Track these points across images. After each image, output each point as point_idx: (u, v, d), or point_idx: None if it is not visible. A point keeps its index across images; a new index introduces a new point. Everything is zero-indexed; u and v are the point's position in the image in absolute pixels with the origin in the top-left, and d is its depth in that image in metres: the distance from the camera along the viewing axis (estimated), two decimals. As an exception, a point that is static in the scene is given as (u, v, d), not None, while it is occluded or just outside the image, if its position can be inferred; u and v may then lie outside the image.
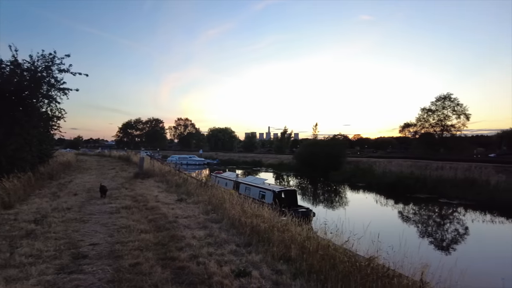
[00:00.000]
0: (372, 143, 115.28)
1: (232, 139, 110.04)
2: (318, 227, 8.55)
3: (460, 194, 21.96)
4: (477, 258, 11.57)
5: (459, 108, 53.29)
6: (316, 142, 51.12)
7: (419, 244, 11.75)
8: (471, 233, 14.83)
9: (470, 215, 18.20)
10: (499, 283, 5.03)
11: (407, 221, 17.22)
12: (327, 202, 22.76)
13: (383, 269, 4.82)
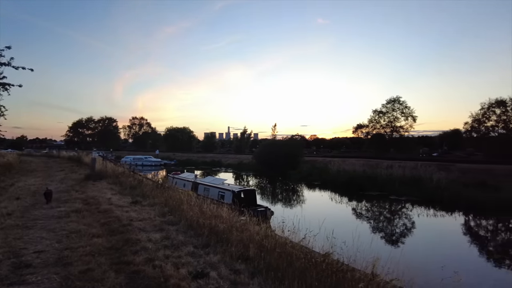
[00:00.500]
0: (328, 143, 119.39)
1: (191, 139, 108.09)
2: (277, 226, 8.68)
3: (407, 191, 23.49)
4: (421, 249, 12.46)
5: (407, 110, 57.14)
6: (275, 142, 51.96)
7: (371, 239, 12.40)
8: (417, 227, 15.93)
9: (416, 210, 19.53)
10: (440, 271, 5.48)
11: (360, 217, 18.10)
12: (285, 200, 23.22)
13: (338, 264, 5.01)
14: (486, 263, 11.22)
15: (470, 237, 14.82)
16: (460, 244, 13.47)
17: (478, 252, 12.56)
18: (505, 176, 25.32)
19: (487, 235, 15.33)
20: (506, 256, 12.25)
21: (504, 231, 16.07)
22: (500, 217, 17.65)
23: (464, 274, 7.28)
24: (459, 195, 20.57)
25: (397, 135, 58.84)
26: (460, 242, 13.77)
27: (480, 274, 9.54)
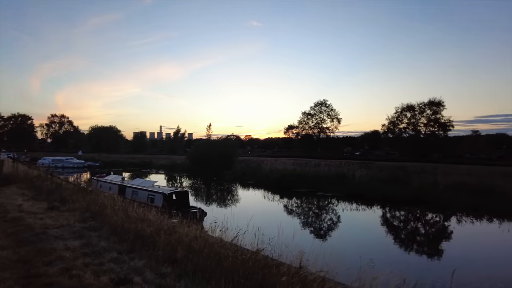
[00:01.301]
0: (262, 143, 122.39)
1: (118, 138, 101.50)
2: (209, 226, 8.66)
3: (333, 188, 25.19)
4: (344, 240, 13.49)
5: (332, 113, 61.42)
6: (210, 142, 51.63)
7: (300, 233, 13.07)
8: (340, 220, 17.18)
9: (340, 205, 21.03)
10: (358, 260, 6.04)
11: (290, 213, 18.91)
12: (219, 201, 23.19)
13: (266, 260, 5.16)
14: (397, 248, 12.63)
15: (385, 227, 16.49)
16: (376, 233, 14.88)
17: (391, 240, 14.05)
18: (415, 172, 28.70)
19: (399, 224, 17.18)
20: (413, 241, 13.89)
21: (412, 219, 18.15)
22: (410, 208, 19.97)
23: (378, 260, 8.10)
24: (377, 190, 22.68)
25: (324, 135, 62.94)
26: (376, 232, 15.21)
27: (392, 258, 10.67)
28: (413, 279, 5.03)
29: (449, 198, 19.97)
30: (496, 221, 16.85)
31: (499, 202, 18.50)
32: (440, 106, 49.01)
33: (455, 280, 5.02)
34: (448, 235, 15.06)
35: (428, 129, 50.33)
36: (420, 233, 15.32)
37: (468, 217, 17.73)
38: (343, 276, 5.53)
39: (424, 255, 12.18)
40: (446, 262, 11.04)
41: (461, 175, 25.57)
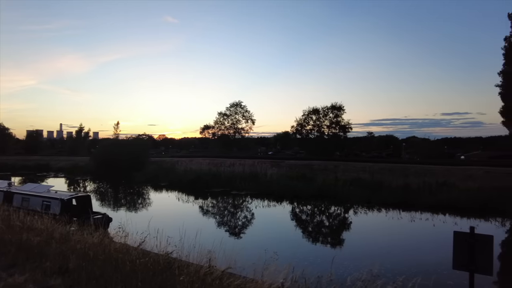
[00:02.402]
0: (177, 143, 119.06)
1: (6, 138, 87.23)
2: (115, 232, 8.12)
3: (247, 186, 25.91)
4: (254, 236, 13.99)
5: (247, 114, 63.09)
6: (118, 142, 48.16)
7: (213, 232, 13.09)
8: (253, 217, 17.78)
9: (254, 202, 21.75)
10: (263, 254, 6.30)
11: (205, 213, 18.81)
12: (128, 205, 21.79)
13: (169, 262, 5.02)
14: (302, 240, 13.61)
15: (293, 221, 17.63)
16: (284, 227, 15.81)
17: (298, 233, 15.06)
18: (320, 169, 31.21)
19: (305, 218, 18.54)
20: (318, 232, 15.13)
21: (317, 213, 19.76)
22: (315, 202, 21.73)
23: (282, 252, 8.61)
24: (286, 187, 24.09)
25: (239, 136, 64.32)
26: (285, 226, 16.16)
27: (296, 250, 11.43)
28: (310, 268, 5.47)
29: (348, 192, 22.31)
30: (384, 210, 19.40)
31: (387, 194, 21.45)
32: (341, 110, 54.60)
33: (358, 264, 5.61)
34: (347, 225, 16.82)
35: (330, 130, 55.47)
36: (323, 225, 16.76)
37: (363, 208, 20.04)
38: (248, 270, 5.71)
39: (327, 244, 13.37)
40: (346, 250, 12.34)
41: (357, 171, 28.80)
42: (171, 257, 5.88)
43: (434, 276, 8.74)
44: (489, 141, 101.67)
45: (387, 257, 11.12)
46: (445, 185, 22.07)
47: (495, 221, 17.36)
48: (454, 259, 4.40)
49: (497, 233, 15.27)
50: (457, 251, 4.36)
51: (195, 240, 7.32)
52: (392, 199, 21.01)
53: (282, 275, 4.79)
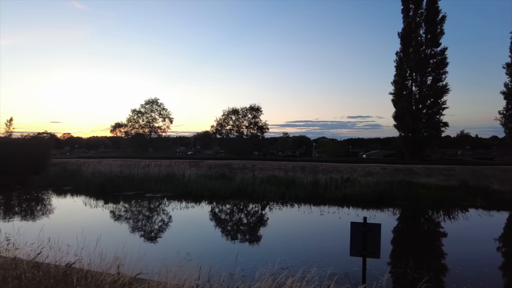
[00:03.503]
0: (85, 142, 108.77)
1: None
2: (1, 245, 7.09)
3: (163, 188, 24.98)
4: (168, 240, 13.57)
5: (164, 112, 60.67)
6: (10, 141, 41.56)
7: (125, 238, 12.28)
8: (169, 219, 17.21)
9: (171, 205, 21.04)
10: (176, 256, 6.17)
11: (115, 219, 17.48)
12: (24, 213, 19.05)
13: (72, 273, 4.59)
14: (220, 239, 13.68)
15: (212, 220, 17.57)
16: (202, 228, 15.69)
17: (217, 232, 15.06)
18: (239, 169, 31.76)
19: (224, 216, 18.60)
20: (233, 230, 15.36)
21: (236, 211, 20.02)
22: (234, 201, 22.07)
23: (195, 253, 8.58)
24: (205, 187, 23.98)
25: (156, 135, 61.52)
26: (202, 226, 16.04)
27: (211, 249, 11.47)
28: (224, 265, 5.53)
29: (264, 189, 23.29)
30: (296, 205, 20.70)
31: (299, 190, 23.25)
32: (259, 111, 56.45)
33: (271, 258, 5.83)
34: (263, 221, 17.47)
35: (249, 130, 56.96)
36: (240, 223, 17.07)
37: (278, 204, 21.06)
38: (161, 274, 5.53)
39: (242, 241, 13.67)
40: (261, 245, 12.80)
41: (273, 169, 30.14)
42: (73, 267, 5.39)
43: (337, 263, 9.67)
44: (385, 141, 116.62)
45: (298, 249, 11.89)
46: (349, 181, 24.53)
47: (388, 210, 19.94)
48: (351, 247, 4.93)
49: (390, 221, 17.61)
50: (353, 240, 4.89)
51: (102, 247, 6.81)
52: (304, 194, 22.77)
53: (195, 275, 4.76)
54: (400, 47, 41.46)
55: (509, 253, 13.11)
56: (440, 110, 40.00)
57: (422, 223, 18.19)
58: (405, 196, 21.99)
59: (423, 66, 39.38)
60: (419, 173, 28.13)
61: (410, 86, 40.91)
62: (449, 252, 12.47)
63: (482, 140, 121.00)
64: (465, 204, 21.19)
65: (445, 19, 39.38)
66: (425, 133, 40.65)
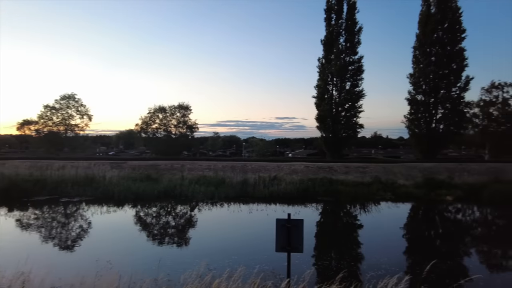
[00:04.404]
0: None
1: None
2: None
3: (81, 192, 22.86)
4: (88, 248, 12.46)
5: (82, 108, 55.46)
6: None
7: (34, 249, 10.90)
8: (91, 225, 15.84)
9: (89, 209, 19.34)
10: (95, 264, 5.68)
11: (24, 228, 15.41)
12: None
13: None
14: (142, 243, 12.98)
15: (134, 224, 16.60)
16: (122, 233, 14.75)
17: (137, 237, 14.25)
18: (167, 169, 30.59)
19: (151, 220, 17.71)
20: (159, 234, 14.74)
21: (163, 214, 19.21)
22: (161, 203, 21.18)
23: (116, 261, 8.02)
24: (129, 189, 22.59)
25: (73, 133, 55.96)
26: (122, 232, 15.08)
27: (133, 255, 10.86)
28: (149, 271, 5.27)
29: (193, 190, 22.85)
30: (226, 205, 20.76)
31: (229, 189, 23.41)
32: (188, 110, 55.05)
33: (199, 260, 5.67)
34: (191, 223, 17.12)
35: (178, 130, 55.26)
36: (168, 226, 16.46)
37: (207, 204, 20.85)
38: (76, 285, 5.03)
39: (169, 244, 13.19)
40: (189, 248, 12.51)
41: (203, 170, 29.72)
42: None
43: (265, 260, 9.92)
44: (309, 141, 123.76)
45: (226, 249, 11.92)
46: (276, 179, 25.41)
47: (311, 206, 21.17)
48: (276, 243, 5.09)
49: (313, 216, 18.71)
50: (278, 236, 5.05)
51: (1, 262, 5.95)
52: (234, 194, 22.99)
53: (115, 284, 4.42)
54: (322, 53, 44.38)
55: (412, 239, 14.98)
56: (357, 113, 43.83)
57: (342, 216, 19.72)
58: (326, 192, 23.59)
59: (343, 72, 42.71)
60: (338, 170, 30.43)
61: (331, 90, 44.00)
62: (366, 242, 13.74)
63: (391, 140, 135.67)
64: (377, 198, 23.58)
65: (362, 30, 43.34)
66: (344, 134, 44.12)
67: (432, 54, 42.56)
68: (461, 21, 41.71)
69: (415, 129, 44.28)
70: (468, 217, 20.32)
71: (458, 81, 41.96)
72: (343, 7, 43.27)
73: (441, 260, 10.89)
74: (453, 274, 9.68)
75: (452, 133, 43.37)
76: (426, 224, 18.11)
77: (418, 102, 43.68)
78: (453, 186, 25.67)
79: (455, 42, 41.79)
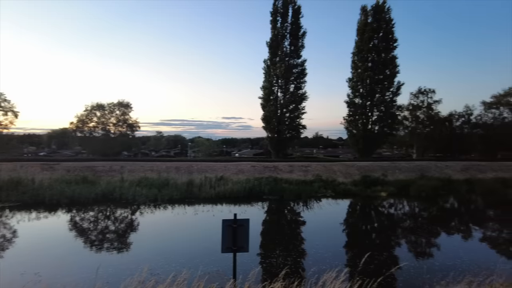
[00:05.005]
0: None
1: None
2: None
3: (3, 197, 20.52)
4: (14, 258, 11.21)
5: (6, 104, 49.79)
6: None
7: None
8: (17, 234, 14.28)
9: (16, 216, 17.46)
10: (21, 278, 5.08)
11: None
12: None
13: None
14: (77, 251, 12.02)
15: (69, 231, 15.30)
16: (53, 242, 13.53)
17: (71, 245, 13.16)
18: (105, 171, 28.73)
19: (86, 225, 16.46)
20: (97, 240, 13.78)
21: (101, 218, 17.94)
22: (99, 207, 19.80)
23: (46, 273, 7.32)
24: (63, 193, 20.85)
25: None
26: (53, 240, 13.84)
27: (67, 265, 10.03)
28: (87, 280, 4.88)
29: (134, 193, 21.80)
30: (170, 207, 20.15)
31: (173, 191, 22.76)
32: (129, 108, 52.28)
33: (141, 266, 5.31)
34: (133, 228, 16.24)
35: (117, 129, 52.23)
36: (106, 231, 15.42)
37: (150, 207, 20.02)
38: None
39: (108, 251, 12.37)
40: (130, 254, 11.87)
41: (145, 171, 28.43)
42: None
43: (211, 261, 9.80)
44: (255, 141, 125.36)
45: (171, 252, 11.56)
46: (222, 179, 25.30)
47: (257, 205, 21.46)
48: (222, 244, 5.03)
49: (259, 215, 18.95)
50: (224, 236, 5.00)
51: None
52: (179, 195, 22.44)
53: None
54: (268, 55, 45.16)
55: (351, 233, 15.92)
56: (300, 114, 45.38)
57: (286, 214, 20.27)
58: (271, 190, 24.09)
59: (288, 75, 43.92)
60: (283, 169, 31.24)
61: (276, 92, 44.98)
62: (310, 237, 14.28)
63: (331, 140, 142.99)
64: (319, 195, 24.68)
65: (306, 34, 44.97)
66: (288, 134, 45.41)
67: (369, 60, 45.65)
68: (393, 32, 45.43)
69: (353, 130, 47.13)
70: (399, 211, 22.15)
71: (391, 86, 45.60)
72: (288, 11, 44.48)
73: (376, 251, 11.73)
74: (386, 264, 10.48)
75: (385, 134, 46.98)
76: (363, 219, 19.36)
77: (356, 104, 46.56)
78: (386, 183, 27.89)
79: (388, 50, 45.33)
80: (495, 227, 17.58)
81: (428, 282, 7.29)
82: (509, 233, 16.19)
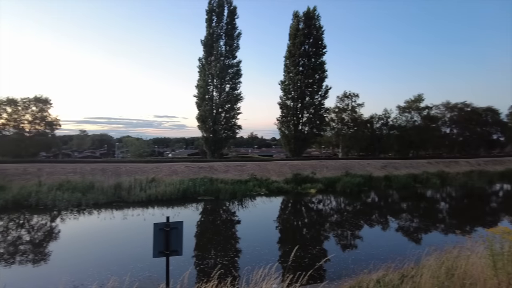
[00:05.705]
0: None
1: None
2: None
3: None
4: None
5: None
6: None
7: None
8: None
9: None
10: None
11: None
12: None
13: None
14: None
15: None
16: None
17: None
18: (18, 174, 25.54)
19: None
20: (9, 254, 12.21)
21: (11, 228, 15.90)
22: (10, 215, 17.51)
23: None
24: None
25: None
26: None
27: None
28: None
29: (54, 197, 19.78)
30: (96, 212, 18.72)
31: (99, 194, 21.31)
32: (47, 104, 47.09)
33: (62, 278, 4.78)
34: (53, 236, 14.69)
35: (34, 127, 46.76)
36: (19, 242, 13.71)
37: (72, 213, 18.35)
38: None
39: (24, 265, 11.02)
40: (49, 266, 10.73)
41: (67, 173, 25.96)
42: None
43: (143, 267, 9.36)
44: (190, 141, 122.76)
45: (97, 261, 10.76)
46: (154, 181, 24.29)
47: (191, 206, 21.04)
48: (154, 248, 4.82)
49: (193, 216, 18.60)
50: (156, 240, 4.80)
51: None
52: (105, 199, 21.02)
53: None
54: (203, 54, 44.57)
55: (285, 229, 16.51)
56: (236, 114, 45.68)
57: (222, 214, 20.23)
58: (207, 191, 23.85)
59: (223, 75, 43.86)
60: (218, 169, 31.15)
61: (211, 91, 44.62)
62: (245, 236, 14.44)
63: (265, 140, 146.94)
64: (254, 194, 25.16)
65: (241, 35, 45.38)
66: (224, 134, 45.40)
67: (300, 64, 47.85)
68: (323, 38, 48.26)
69: (285, 130, 49.00)
70: (327, 206, 23.62)
71: (320, 90, 48.40)
72: (224, 11, 44.41)
73: (307, 245, 12.35)
74: (317, 256, 11.10)
75: (314, 135, 49.76)
76: (294, 215, 20.23)
77: (287, 106, 48.47)
78: (315, 180, 29.57)
79: (318, 56, 48.04)
80: (407, 217, 19.78)
81: (354, 271, 7.91)
82: (418, 222, 18.37)
